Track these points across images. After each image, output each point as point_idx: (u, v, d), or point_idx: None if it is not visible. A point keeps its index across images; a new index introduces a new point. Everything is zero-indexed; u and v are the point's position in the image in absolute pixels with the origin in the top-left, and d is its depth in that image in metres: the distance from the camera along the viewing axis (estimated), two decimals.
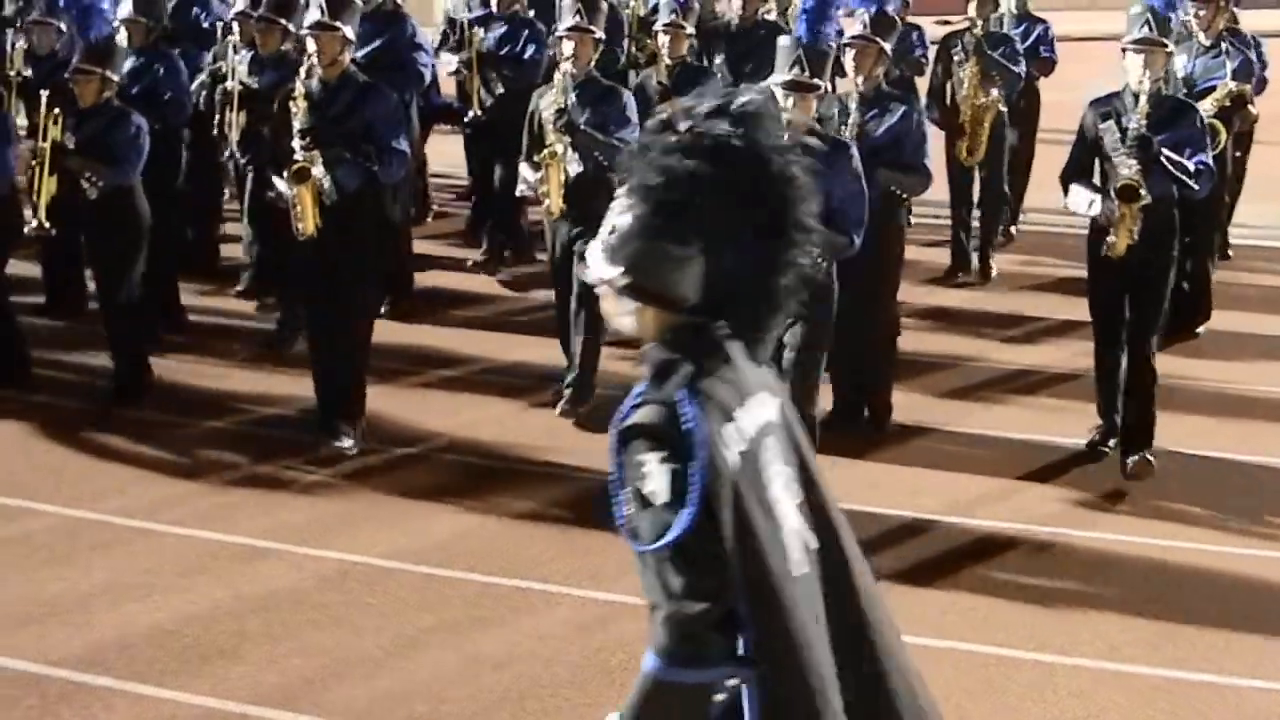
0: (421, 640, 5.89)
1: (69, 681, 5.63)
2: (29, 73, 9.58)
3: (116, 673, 5.69)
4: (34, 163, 8.35)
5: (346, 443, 7.70)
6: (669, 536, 2.99)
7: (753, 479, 3.15)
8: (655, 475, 3.06)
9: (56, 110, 8.31)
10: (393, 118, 7.87)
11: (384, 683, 5.54)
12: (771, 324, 3.29)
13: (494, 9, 11.02)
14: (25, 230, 8.56)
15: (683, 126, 3.11)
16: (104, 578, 6.50)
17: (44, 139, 8.29)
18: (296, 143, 7.54)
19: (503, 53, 10.82)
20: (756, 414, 3.20)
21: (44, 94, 8.39)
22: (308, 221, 7.52)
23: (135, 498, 7.30)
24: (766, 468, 3.20)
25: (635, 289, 3.15)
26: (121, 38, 9.05)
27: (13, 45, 9.67)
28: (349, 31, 7.66)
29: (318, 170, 7.46)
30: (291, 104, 7.70)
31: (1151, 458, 7.37)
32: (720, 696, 3.11)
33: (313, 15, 7.70)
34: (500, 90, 10.70)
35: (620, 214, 3.16)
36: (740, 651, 3.05)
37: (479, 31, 10.82)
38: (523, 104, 9.91)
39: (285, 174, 7.55)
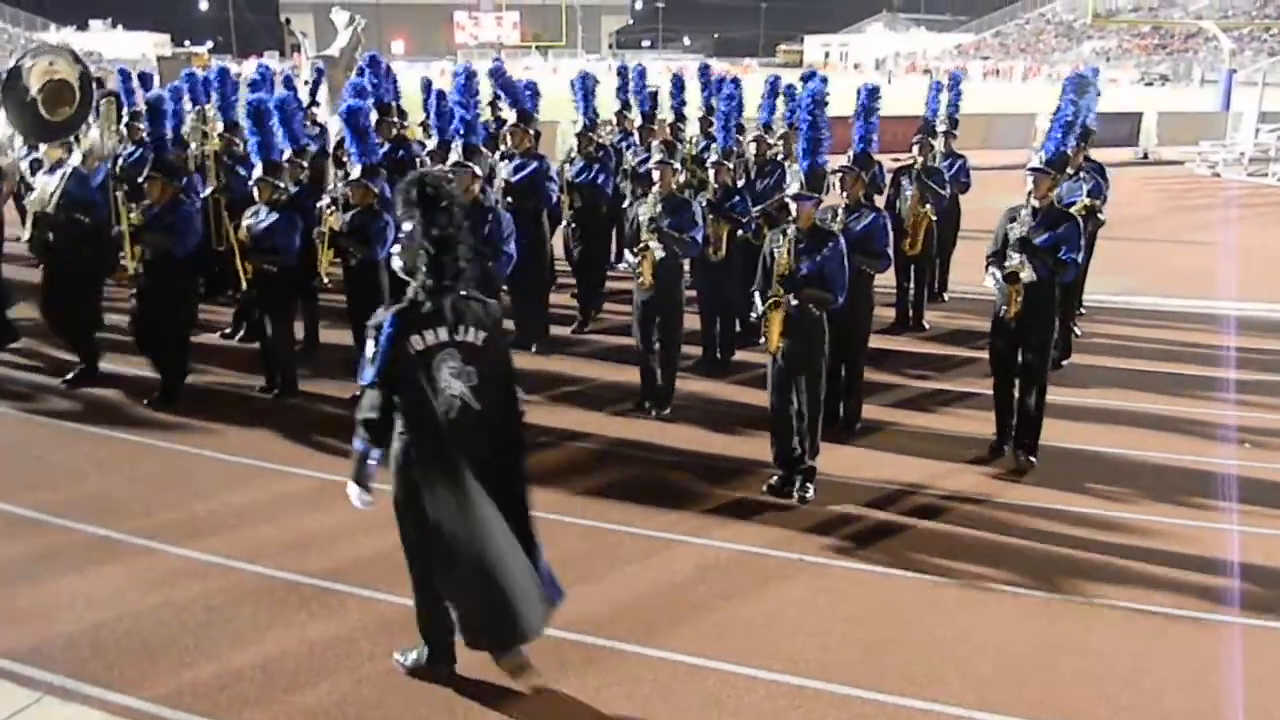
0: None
1: (318, 587, 5.63)
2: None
3: (349, 580, 5.69)
4: (318, 241, 8.46)
5: None
6: (365, 380, 4.21)
7: (425, 362, 4.19)
8: (369, 346, 4.22)
9: (333, 208, 8.43)
10: (504, 232, 7.75)
11: None
12: (442, 286, 4.20)
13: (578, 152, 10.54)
14: (313, 283, 8.86)
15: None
16: (343, 519, 6.20)
17: (324, 226, 8.42)
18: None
19: (579, 180, 10.36)
20: (430, 336, 4.20)
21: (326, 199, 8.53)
22: None
23: None
24: (438, 361, 4.21)
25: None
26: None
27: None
28: (477, 170, 7.65)
29: None
30: None
31: (1033, 459, 7.18)
32: (374, 459, 4.41)
33: (453, 158, 7.61)
34: (579, 204, 10.27)
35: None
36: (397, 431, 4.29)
37: (567, 166, 10.45)
38: (596, 215, 10.06)
39: None
